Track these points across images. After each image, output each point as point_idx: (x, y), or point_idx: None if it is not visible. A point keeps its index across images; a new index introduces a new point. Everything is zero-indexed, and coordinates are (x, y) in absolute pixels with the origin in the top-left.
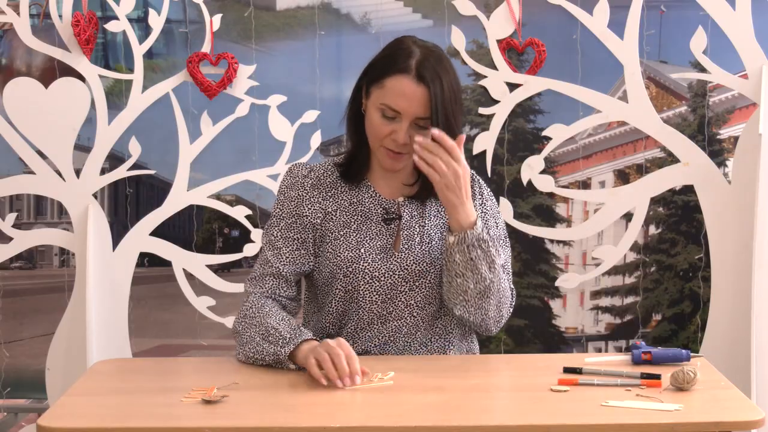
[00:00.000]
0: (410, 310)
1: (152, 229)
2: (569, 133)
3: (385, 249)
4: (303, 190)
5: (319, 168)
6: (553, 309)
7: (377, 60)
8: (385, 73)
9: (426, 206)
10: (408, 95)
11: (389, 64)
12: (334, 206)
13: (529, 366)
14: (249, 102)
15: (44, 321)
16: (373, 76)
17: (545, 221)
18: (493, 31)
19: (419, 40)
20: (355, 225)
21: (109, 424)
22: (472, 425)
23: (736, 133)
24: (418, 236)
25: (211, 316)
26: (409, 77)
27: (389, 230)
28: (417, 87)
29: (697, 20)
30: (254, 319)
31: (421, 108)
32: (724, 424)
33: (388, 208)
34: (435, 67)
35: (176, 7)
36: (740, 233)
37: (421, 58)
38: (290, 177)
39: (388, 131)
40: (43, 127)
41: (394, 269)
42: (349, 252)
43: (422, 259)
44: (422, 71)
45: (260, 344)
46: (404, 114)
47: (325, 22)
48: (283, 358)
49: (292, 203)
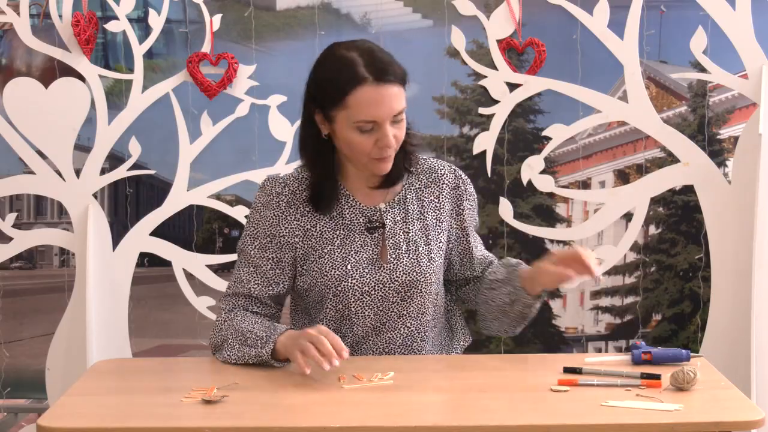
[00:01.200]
0: (403, 320)
1: (152, 229)
2: (569, 133)
3: (372, 261)
4: (278, 209)
5: (292, 182)
6: (553, 309)
7: (321, 84)
8: (342, 92)
9: (408, 210)
10: (378, 101)
11: (340, 82)
12: (313, 222)
13: (529, 366)
14: (249, 102)
15: (44, 321)
16: (327, 101)
17: (545, 221)
18: (493, 31)
19: (343, 43)
20: (339, 240)
21: (109, 424)
22: (472, 425)
23: (736, 133)
24: (404, 244)
25: (211, 316)
26: (370, 84)
27: (374, 240)
28: (381, 88)
29: (697, 20)
30: (229, 329)
31: (395, 104)
32: (724, 424)
33: (370, 217)
34: (384, 64)
35: (176, 7)
36: (740, 233)
37: (366, 58)
38: (264, 194)
39: (372, 142)
40: (43, 127)
41: (384, 281)
42: (335, 270)
43: (411, 268)
44: (377, 72)
45: (240, 350)
46: (383, 120)
47: (325, 22)
48: (266, 358)
49: (267, 222)
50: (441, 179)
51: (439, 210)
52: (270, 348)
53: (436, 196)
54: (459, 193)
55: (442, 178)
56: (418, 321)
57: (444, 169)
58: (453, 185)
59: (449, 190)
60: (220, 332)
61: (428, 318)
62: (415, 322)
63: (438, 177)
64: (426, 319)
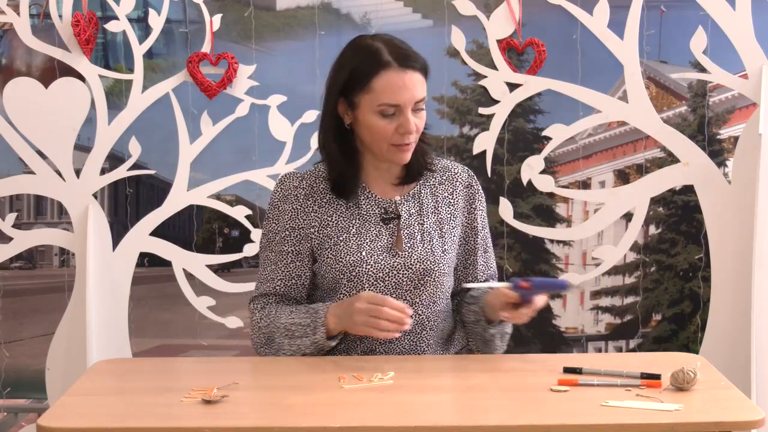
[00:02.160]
0: (415, 308)
1: (152, 229)
2: (569, 133)
3: (387, 248)
4: (297, 202)
5: (309, 176)
6: (553, 309)
7: (347, 70)
8: (368, 77)
9: (423, 204)
10: (401, 85)
11: (366, 67)
12: (330, 213)
13: (529, 366)
14: (249, 102)
15: (44, 321)
16: (353, 86)
17: (545, 221)
18: (493, 31)
19: (367, 35)
20: (355, 228)
21: (109, 424)
22: (472, 425)
23: (736, 133)
24: (418, 234)
25: (211, 316)
26: (394, 69)
27: (389, 230)
28: (405, 74)
29: (697, 20)
30: (270, 327)
31: (417, 91)
32: (724, 424)
33: (386, 208)
34: (408, 52)
35: (176, 7)
36: (740, 233)
37: (390, 48)
38: (282, 189)
39: (394, 128)
40: (43, 127)
41: (398, 267)
42: (350, 256)
43: (426, 257)
44: (400, 58)
45: (293, 344)
46: (405, 104)
47: (325, 22)
48: (323, 343)
49: (286, 216)
50: (455, 177)
51: (453, 206)
52: (323, 332)
53: (450, 192)
54: (472, 192)
55: (456, 176)
56: (429, 310)
57: (458, 168)
58: (466, 183)
59: (462, 187)
60: (260, 331)
61: (439, 308)
62: (426, 311)
63: (452, 175)
64: (437, 309)
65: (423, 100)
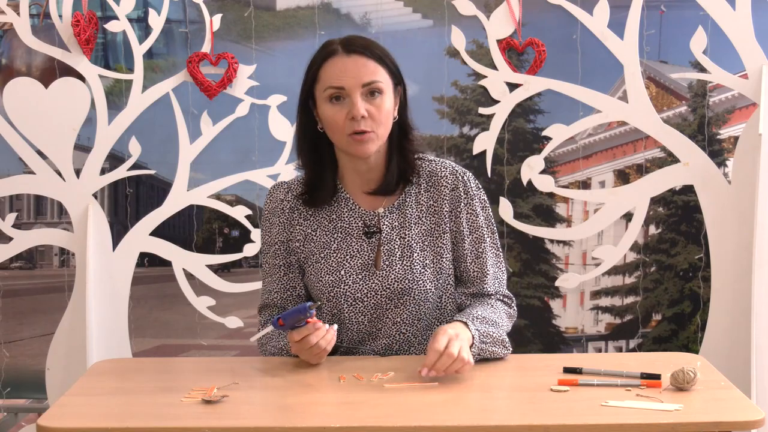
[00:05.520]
0: (398, 327)
1: (152, 229)
2: (569, 133)
3: (366, 267)
4: (283, 215)
5: (296, 185)
6: (553, 309)
7: (306, 70)
8: (318, 67)
9: (406, 215)
10: (344, 68)
11: (318, 60)
12: (314, 226)
13: (529, 366)
14: (249, 102)
15: (44, 321)
16: (311, 82)
17: (545, 221)
18: (493, 31)
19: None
20: (336, 244)
21: (109, 424)
22: (472, 425)
23: (736, 133)
24: (398, 250)
25: (211, 316)
26: (339, 55)
27: (371, 245)
28: (349, 58)
29: (697, 20)
30: (265, 346)
31: (362, 73)
32: (724, 424)
33: (367, 221)
34: (357, 40)
35: (176, 7)
36: (740, 233)
37: (342, 39)
38: (270, 202)
39: (344, 114)
40: (43, 127)
41: (376, 288)
42: (330, 276)
43: (403, 276)
44: (347, 45)
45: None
46: (350, 86)
47: (325, 22)
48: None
49: (275, 230)
50: (440, 182)
51: (438, 214)
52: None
53: (435, 200)
54: (457, 195)
55: (441, 180)
56: (414, 327)
57: (444, 171)
58: (451, 187)
59: (447, 192)
60: (264, 347)
61: (425, 324)
62: (410, 329)
63: (437, 180)
64: (422, 325)
65: (375, 85)
